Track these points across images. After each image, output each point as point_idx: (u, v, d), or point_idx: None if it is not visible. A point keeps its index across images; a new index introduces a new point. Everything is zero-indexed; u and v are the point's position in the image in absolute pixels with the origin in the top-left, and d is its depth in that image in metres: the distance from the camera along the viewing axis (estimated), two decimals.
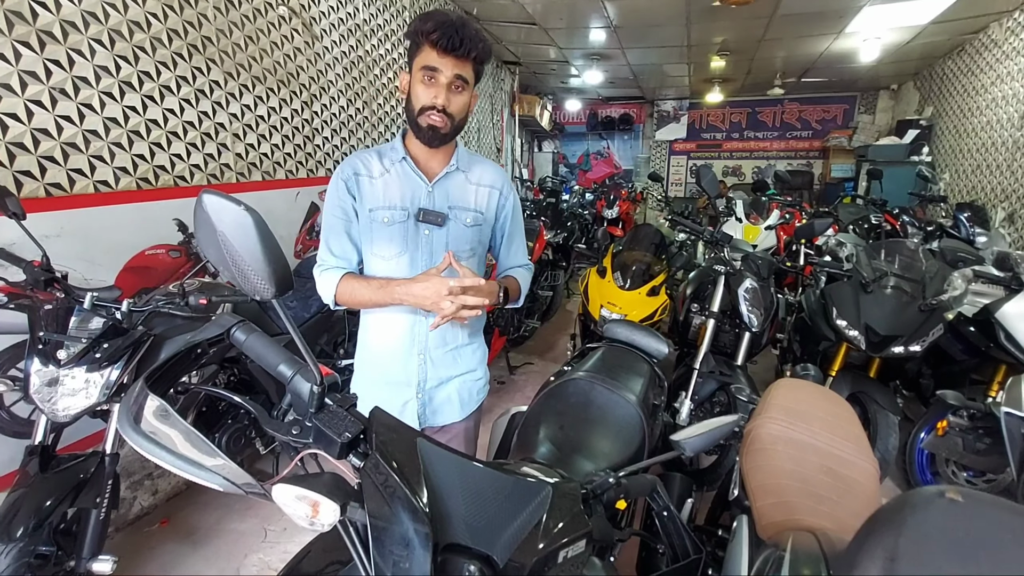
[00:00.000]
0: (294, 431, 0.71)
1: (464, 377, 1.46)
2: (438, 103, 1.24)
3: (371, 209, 1.32)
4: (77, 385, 1.44)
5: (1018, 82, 4.68)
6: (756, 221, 4.69)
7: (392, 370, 1.39)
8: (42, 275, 1.51)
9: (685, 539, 1.17)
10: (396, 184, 1.33)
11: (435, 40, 1.19)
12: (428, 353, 1.38)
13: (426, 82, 1.24)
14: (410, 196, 1.33)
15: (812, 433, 1.25)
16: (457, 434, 1.48)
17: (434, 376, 1.40)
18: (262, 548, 2.12)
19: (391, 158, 1.35)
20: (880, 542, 0.54)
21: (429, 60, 1.22)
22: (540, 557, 0.68)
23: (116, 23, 2.13)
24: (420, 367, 1.38)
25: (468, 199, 1.39)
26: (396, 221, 1.32)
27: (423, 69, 1.24)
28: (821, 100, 9.20)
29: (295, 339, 0.70)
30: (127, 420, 0.66)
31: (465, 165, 1.40)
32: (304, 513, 0.64)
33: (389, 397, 1.40)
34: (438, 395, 1.42)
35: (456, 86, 1.26)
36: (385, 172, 1.34)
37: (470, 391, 1.48)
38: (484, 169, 1.43)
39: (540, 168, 10.26)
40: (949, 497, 0.53)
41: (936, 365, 2.71)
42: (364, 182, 1.33)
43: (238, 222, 0.63)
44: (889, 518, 0.56)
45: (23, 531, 1.33)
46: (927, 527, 0.53)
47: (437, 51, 1.21)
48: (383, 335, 1.39)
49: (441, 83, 1.24)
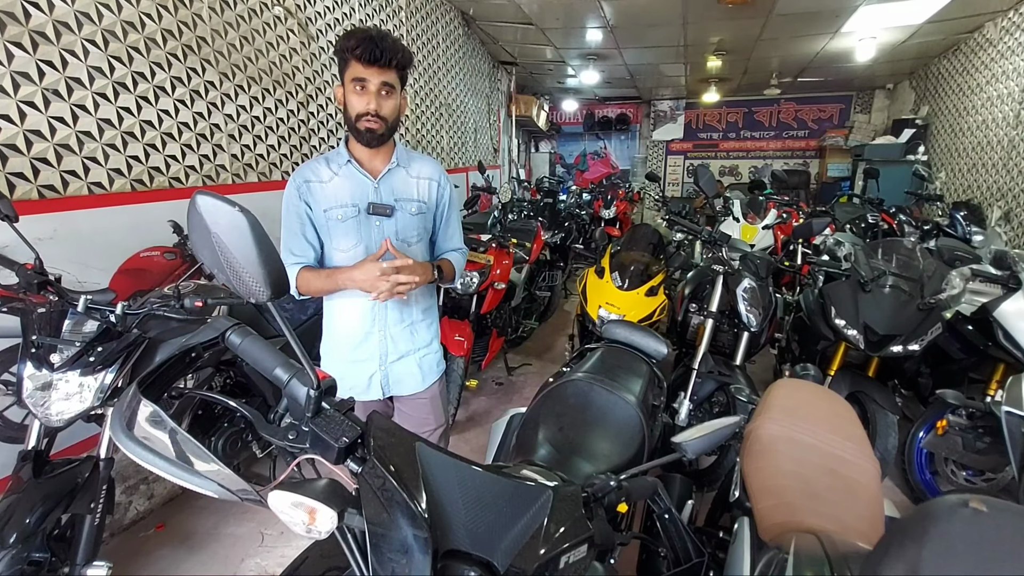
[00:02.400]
0: (290, 436, 0.70)
1: (422, 351, 1.67)
2: (371, 109, 1.41)
3: (325, 209, 1.49)
4: (71, 389, 1.42)
5: (1013, 81, 4.69)
6: (753, 221, 4.70)
7: (357, 348, 1.58)
8: (35, 278, 1.49)
9: (687, 542, 1.16)
10: (345, 185, 1.51)
11: (359, 55, 1.35)
12: (388, 329, 1.58)
13: (357, 92, 1.41)
14: (359, 193, 1.51)
15: (813, 433, 1.24)
16: (424, 402, 1.70)
17: (394, 350, 1.61)
18: (259, 552, 2.10)
19: (337, 163, 1.52)
20: (902, 555, 0.52)
21: (357, 72, 1.38)
22: (542, 562, 0.67)
23: (110, 23, 2.11)
24: (381, 342, 1.58)
25: (411, 191, 1.57)
26: (349, 217, 1.50)
27: (353, 81, 1.40)
28: (817, 100, 9.22)
29: (291, 342, 0.69)
30: (120, 426, 0.64)
31: (405, 161, 1.58)
32: (301, 520, 0.63)
33: (356, 373, 1.60)
34: (399, 367, 1.63)
35: (384, 92, 1.42)
36: (334, 176, 1.51)
37: (430, 364, 1.69)
38: (423, 164, 1.62)
39: (537, 168, 10.26)
40: (973, 507, 0.51)
41: (935, 364, 2.71)
42: (315, 187, 1.50)
43: (233, 224, 0.62)
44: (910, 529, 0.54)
45: (16, 537, 1.31)
46: (951, 538, 0.50)
47: (363, 64, 1.36)
48: (346, 317, 1.58)
49: (371, 91, 1.40)
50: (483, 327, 3.47)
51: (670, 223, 3.04)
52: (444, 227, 1.69)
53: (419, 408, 1.71)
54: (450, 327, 2.90)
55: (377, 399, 1.64)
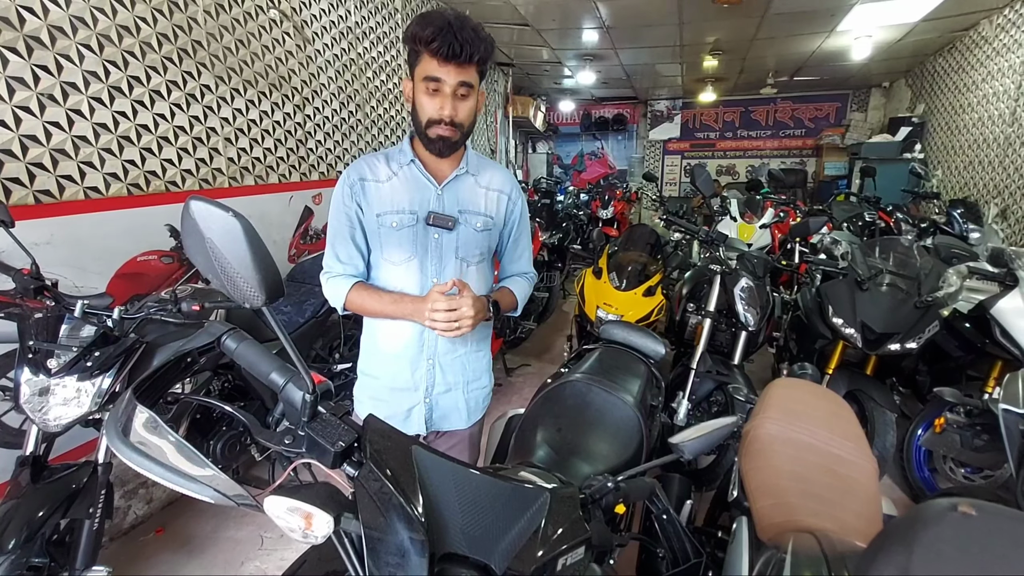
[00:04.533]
0: (287, 441, 0.70)
1: (471, 384, 1.46)
2: (445, 115, 1.21)
3: (379, 214, 1.30)
4: (68, 394, 1.42)
5: (1008, 78, 4.70)
6: (751, 220, 4.70)
7: (400, 375, 1.38)
8: (32, 283, 1.49)
9: (685, 542, 1.16)
10: (404, 188, 1.31)
11: (435, 49, 1.14)
12: (437, 358, 1.38)
13: (430, 93, 1.21)
14: (419, 199, 1.31)
15: (811, 432, 1.24)
16: (462, 439, 1.49)
17: (442, 382, 1.40)
18: (259, 556, 2.10)
19: (399, 161, 1.33)
20: (892, 559, 0.53)
21: (430, 70, 1.18)
22: (539, 565, 0.67)
23: (105, 27, 2.11)
24: (429, 372, 1.38)
25: (478, 203, 1.36)
26: (405, 225, 1.30)
27: (425, 80, 1.19)
28: (814, 98, 9.24)
29: (286, 346, 0.69)
30: (115, 433, 0.64)
31: (475, 168, 1.38)
32: (297, 525, 0.63)
33: (395, 402, 1.40)
34: (445, 401, 1.42)
35: (461, 94, 1.21)
36: (392, 176, 1.32)
37: (476, 399, 1.48)
38: (494, 173, 1.41)
39: (534, 169, 10.26)
40: (962, 511, 0.52)
41: (932, 362, 2.71)
42: (371, 187, 1.31)
43: (226, 229, 0.62)
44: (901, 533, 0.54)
45: (15, 543, 1.30)
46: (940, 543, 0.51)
47: (438, 60, 1.16)
48: (392, 340, 1.38)
49: (446, 93, 1.19)
50: None
51: (667, 223, 3.04)
52: (512, 247, 1.49)
53: (452, 446, 1.49)
54: None
55: (417, 434, 1.43)
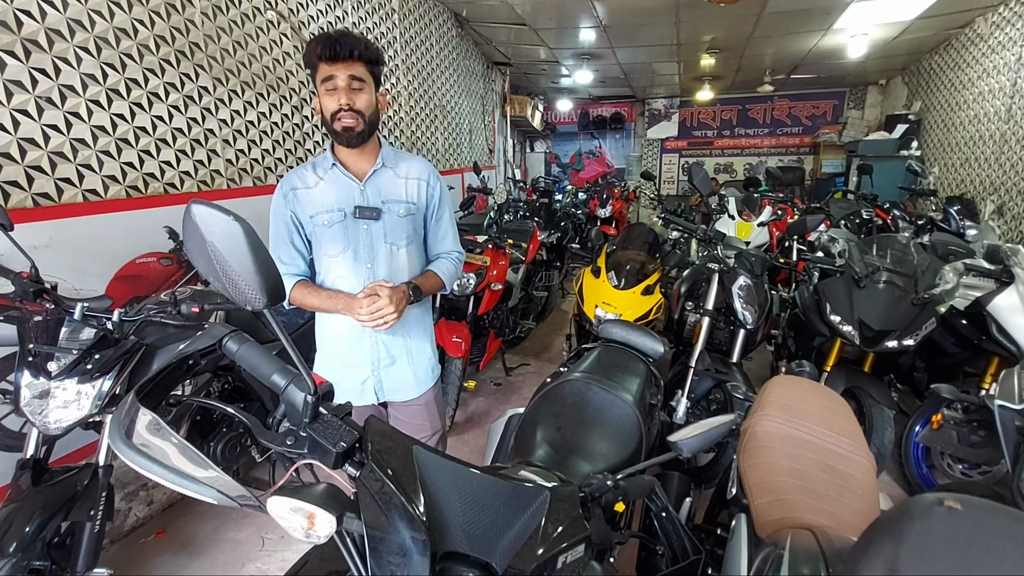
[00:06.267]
0: (288, 442, 0.70)
1: (415, 356, 1.64)
2: (343, 103, 1.39)
3: (312, 215, 1.49)
4: (68, 397, 1.42)
5: (1004, 76, 4.72)
6: (749, 218, 4.71)
7: (349, 352, 1.58)
8: (31, 286, 1.49)
9: (684, 540, 1.17)
10: (331, 189, 1.49)
11: (320, 54, 1.36)
12: (379, 335, 1.56)
13: (328, 91, 1.41)
14: (345, 197, 1.49)
15: (808, 429, 1.25)
16: (419, 408, 1.68)
17: (387, 356, 1.59)
18: (260, 557, 2.10)
19: (323, 167, 1.51)
20: (880, 552, 0.54)
21: (323, 72, 1.39)
22: (539, 563, 0.68)
23: (102, 30, 2.11)
24: (373, 348, 1.57)
25: (399, 192, 1.54)
26: (335, 222, 1.48)
27: (323, 82, 1.40)
28: (811, 96, 9.25)
29: (287, 348, 0.69)
30: (119, 435, 0.65)
31: (392, 162, 1.55)
32: (300, 525, 0.63)
33: (349, 377, 1.59)
34: (392, 373, 1.61)
35: (354, 86, 1.40)
36: (320, 180, 1.50)
37: (424, 369, 1.67)
38: (411, 164, 1.59)
39: (532, 168, 10.26)
40: (948, 505, 0.53)
41: (930, 359, 2.72)
42: (302, 194, 1.49)
43: (227, 232, 0.63)
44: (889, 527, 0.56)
45: (16, 546, 1.31)
46: (928, 536, 0.52)
47: (327, 62, 1.37)
48: (337, 322, 1.56)
49: (340, 87, 1.39)
50: (480, 328, 3.47)
51: (666, 222, 3.05)
52: (435, 228, 1.65)
53: (413, 415, 1.69)
54: (447, 328, 2.90)
55: (371, 404, 1.63)
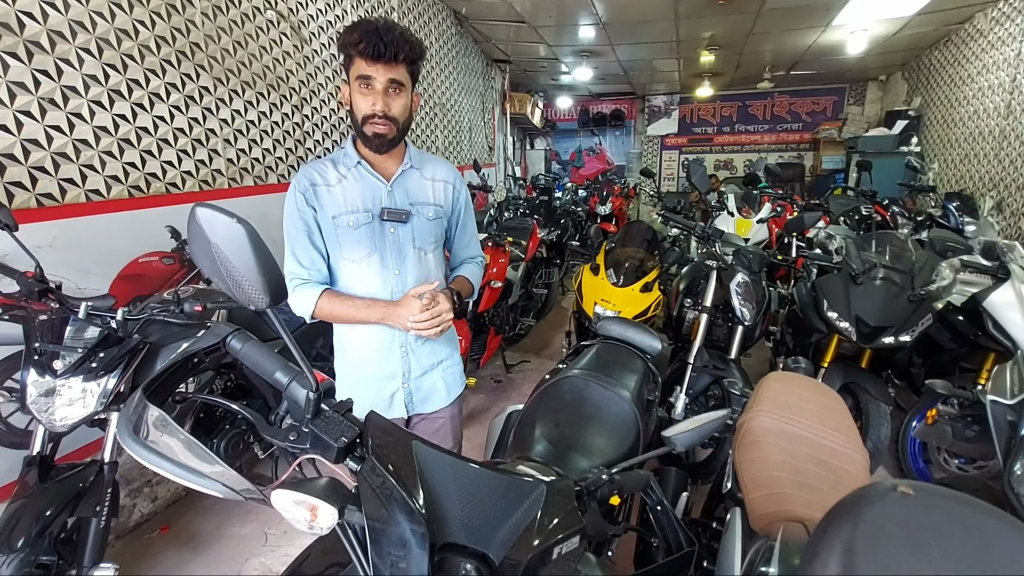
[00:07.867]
0: (291, 437, 0.73)
1: (444, 363, 1.56)
2: (377, 110, 1.28)
3: (334, 216, 1.37)
4: (74, 395, 1.44)
5: (1003, 71, 4.72)
6: (748, 215, 4.72)
7: (375, 366, 1.47)
8: (36, 286, 1.51)
9: (679, 532, 1.19)
10: (355, 188, 1.38)
11: (362, 50, 1.23)
12: (409, 345, 1.46)
13: (363, 91, 1.29)
14: (371, 198, 1.39)
15: (803, 425, 1.27)
16: (444, 423, 1.59)
17: (417, 366, 1.49)
18: (263, 552, 2.13)
19: (346, 164, 1.40)
20: (838, 534, 0.58)
21: (361, 70, 1.26)
22: (535, 554, 0.70)
23: (104, 31, 2.13)
24: (403, 359, 1.47)
25: (427, 194, 1.46)
26: (362, 223, 1.37)
27: (358, 79, 1.28)
28: (810, 92, 9.25)
29: (290, 346, 0.71)
30: (127, 431, 0.67)
31: (418, 163, 1.47)
32: (303, 517, 0.65)
33: (375, 392, 1.48)
34: (424, 383, 1.52)
35: (392, 90, 1.30)
36: (342, 178, 1.38)
37: (453, 376, 1.59)
38: (436, 166, 1.51)
39: (533, 166, 10.27)
40: (901, 491, 0.57)
41: (926, 354, 2.74)
42: (322, 191, 1.37)
43: (231, 234, 0.65)
44: (846, 511, 0.60)
45: (24, 541, 1.33)
46: (882, 519, 0.56)
47: (366, 60, 1.25)
48: (362, 335, 1.45)
49: (377, 90, 1.28)
50: (481, 325, 3.49)
51: (665, 219, 3.06)
52: (460, 233, 1.58)
53: (435, 435, 1.56)
54: None
55: (400, 418, 1.51)
